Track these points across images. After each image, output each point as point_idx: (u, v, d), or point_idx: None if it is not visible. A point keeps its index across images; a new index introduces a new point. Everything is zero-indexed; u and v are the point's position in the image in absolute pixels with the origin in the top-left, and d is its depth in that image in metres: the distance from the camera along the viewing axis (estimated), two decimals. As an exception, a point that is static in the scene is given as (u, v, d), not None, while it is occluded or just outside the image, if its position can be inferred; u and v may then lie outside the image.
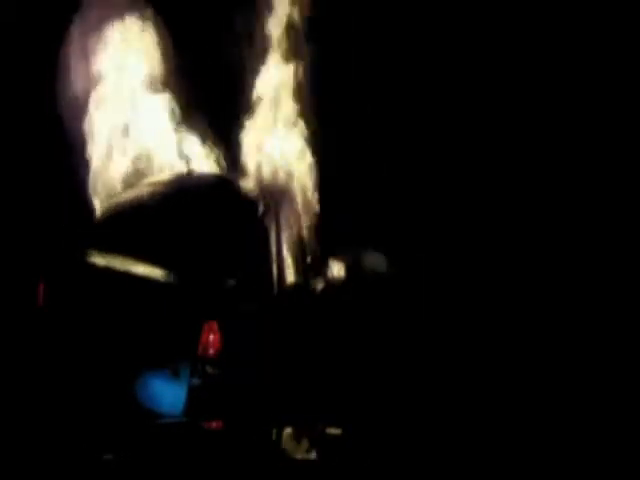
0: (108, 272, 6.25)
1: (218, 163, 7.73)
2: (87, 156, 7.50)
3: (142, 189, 7.21)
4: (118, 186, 7.48)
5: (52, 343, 6.15)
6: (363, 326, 7.44)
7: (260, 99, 7.44)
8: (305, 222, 7.19)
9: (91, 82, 7.50)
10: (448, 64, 9.86)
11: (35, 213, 8.24)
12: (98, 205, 7.45)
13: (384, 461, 6.66)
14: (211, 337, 5.97)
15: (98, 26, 7.49)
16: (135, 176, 7.50)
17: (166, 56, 7.66)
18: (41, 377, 6.15)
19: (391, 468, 6.53)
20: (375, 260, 8.05)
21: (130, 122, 7.63)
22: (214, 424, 5.98)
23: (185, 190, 7.09)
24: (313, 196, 7.26)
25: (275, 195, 7.09)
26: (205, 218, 6.76)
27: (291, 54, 7.40)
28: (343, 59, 9.18)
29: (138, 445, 5.94)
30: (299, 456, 6.53)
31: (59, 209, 7.45)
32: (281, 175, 7.22)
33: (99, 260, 6.35)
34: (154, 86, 7.66)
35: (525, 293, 9.12)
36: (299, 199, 7.19)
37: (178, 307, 6.08)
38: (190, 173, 7.35)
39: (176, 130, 7.70)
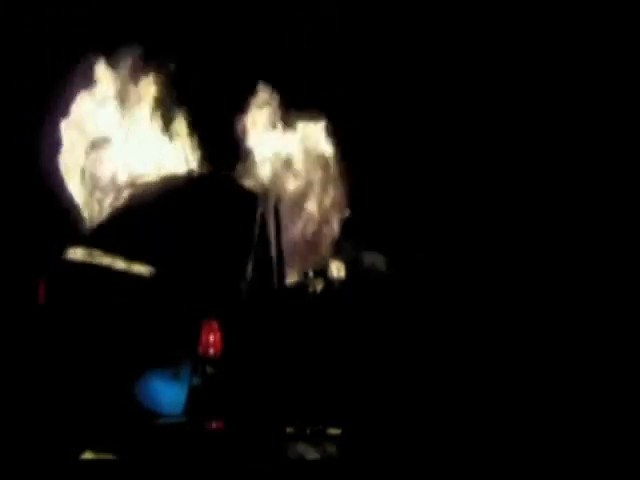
0: (108, 271, 6.25)
1: (217, 162, 7.72)
2: (84, 158, 7.50)
3: (142, 189, 7.21)
4: (117, 187, 7.47)
5: (52, 342, 6.14)
6: (363, 326, 7.44)
7: (259, 99, 7.44)
8: (306, 221, 7.19)
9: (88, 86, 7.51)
10: (448, 64, 9.88)
11: (35, 213, 8.24)
12: (97, 205, 7.44)
13: (384, 461, 6.66)
14: (211, 337, 5.97)
15: None
16: (133, 177, 7.49)
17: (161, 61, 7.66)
18: (41, 376, 6.14)
19: (391, 468, 6.54)
20: (375, 260, 8.06)
21: (128, 123, 7.63)
22: (214, 424, 5.98)
23: (185, 189, 7.09)
24: (315, 195, 7.27)
25: (275, 194, 7.09)
26: (205, 217, 6.75)
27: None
28: (340, 57, 9.21)
29: (138, 445, 5.93)
30: (300, 456, 6.54)
31: (59, 209, 7.44)
32: (281, 174, 7.22)
33: (99, 259, 6.34)
34: (150, 89, 7.65)
35: (524, 293, 9.14)
36: (300, 198, 7.19)
37: (178, 307, 6.07)
38: (190, 172, 7.35)
39: (175, 130, 7.70)
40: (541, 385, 7.84)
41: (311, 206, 7.22)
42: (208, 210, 6.85)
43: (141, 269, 6.22)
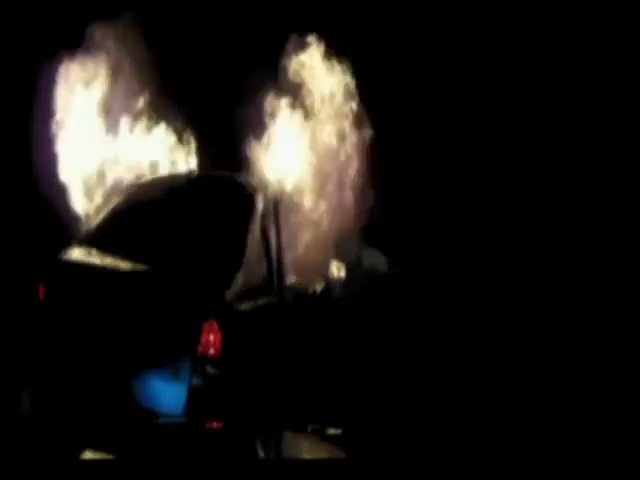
0: (107, 271, 6.25)
1: (217, 162, 7.73)
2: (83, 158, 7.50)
3: (142, 189, 7.21)
4: (116, 186, 7.47)
5: (52, 342, 6.14)
6: (363, 326, 7.44)
7: (262, 100, 7.44)
8: (307, 222, 7.19)
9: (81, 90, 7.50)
10: (449, 65, 9.88)
11: (35, 213, 8.24)
12: (98, 204, 7.45)
13: (384, 461, 6.66)
14: (211, 337, 5.97)
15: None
16: (133, 176, 7.49)
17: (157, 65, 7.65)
18: (41, 376, 6.14)
19: (391, 468, 6.53)
20: (375, 260, 8.06)
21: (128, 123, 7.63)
22: (214, 424, 5.98)
23: (186, 190, 7.10)
24: (316, 196, 7.27)
25: (276, 195, 7.09)
26: (205, 217, 6.76)
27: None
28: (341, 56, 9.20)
29: (138, 445, 5.93)
30: (299, 456, 6.54)
31: (59, 209, 7.44)
32: (282, 175, 7.22)
33: (98, 259, 6.35)
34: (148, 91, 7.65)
35: (524, 293, 9.13)
36: (301, 199, 7.19)
37: (178, 307, 6.08)
38: (191, 173, 7.36)
39: (175, 130, 7.70)
40: (541, 385, 7.84)
41: (317, 203, 7.20)
42: (207, 210, 6.86)
43: (140, 269, 6.22)
